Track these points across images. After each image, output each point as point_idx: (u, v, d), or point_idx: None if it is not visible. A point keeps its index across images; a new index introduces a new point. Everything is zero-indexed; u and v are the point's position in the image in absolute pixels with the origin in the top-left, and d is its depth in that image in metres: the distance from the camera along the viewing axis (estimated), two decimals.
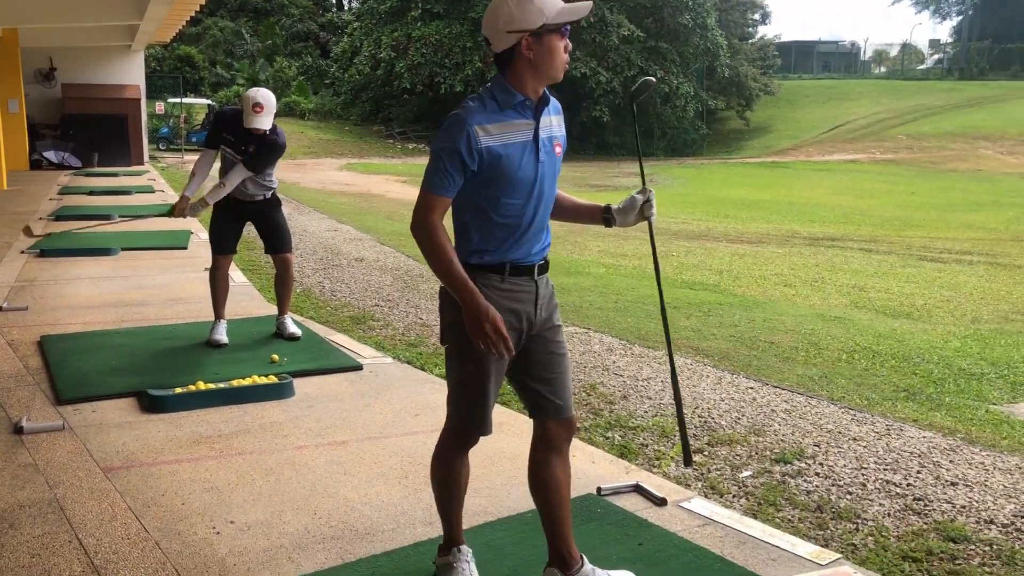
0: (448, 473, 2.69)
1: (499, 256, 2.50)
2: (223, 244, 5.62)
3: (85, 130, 20.27)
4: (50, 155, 19.82)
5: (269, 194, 5.68)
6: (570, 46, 2.46)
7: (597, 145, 38.00)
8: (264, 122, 5.31)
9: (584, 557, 2.69)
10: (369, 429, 4.17)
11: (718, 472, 3.93)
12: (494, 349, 2.40)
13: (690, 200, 21.21)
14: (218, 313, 5.61)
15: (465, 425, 2.61)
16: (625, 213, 2.71)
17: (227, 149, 5.45)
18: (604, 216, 2.73)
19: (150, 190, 15.50)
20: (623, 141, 39.31)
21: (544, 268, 2.61)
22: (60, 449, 3.82)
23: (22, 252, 8.72)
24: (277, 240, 5.74)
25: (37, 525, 3.11)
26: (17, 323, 6.02)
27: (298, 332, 5.68)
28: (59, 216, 11.40)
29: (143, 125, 22.19)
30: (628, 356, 5.83)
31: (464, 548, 2.76)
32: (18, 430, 4.00)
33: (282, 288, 5.79)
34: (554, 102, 2.58)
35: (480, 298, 2.39)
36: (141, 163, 21.53)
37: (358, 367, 5.13)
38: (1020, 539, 3.28)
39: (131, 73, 21.92)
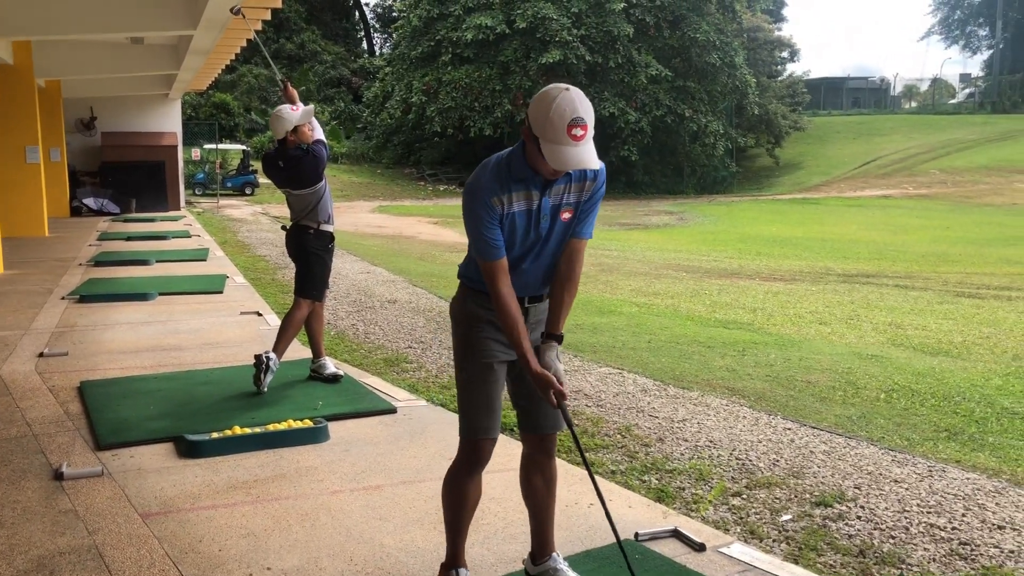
0: (458, 491, 2.88)
1: None
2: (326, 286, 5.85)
3: (123, 177, 20.73)
4: (89, 202, 20.26)
5: (312, 227, 5.70)
6: (558, 176, 2.68)
7: (626, 184, 38.08)
8: (275, 129, 5.54)
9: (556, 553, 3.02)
10: (404, 473, 4.16)
11: (757, 516, 3.87)
12: (553, 400, 2.70)
13: (721, 238, 21.14)
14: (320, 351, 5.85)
15: (476, 435, 2.82)
16: (542, 356, 2.81)
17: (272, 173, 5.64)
18: (549, 334, 2.86)
19: (186, 235, 15.75)
20: (652, 180, 39.39)
21: (536, 299, 2.88)
22: (99, 495, 3.86)
23: (62, 298, 8.88)
24: (297, 279, 5.82)
25: (76, 572, 3.14)
26: (58, 368, 6.11)
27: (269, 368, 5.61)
28: (98, 262, 11.61)
29: (180, 171, 22.63)
30: (663, 397, 5.79)
31: (465, 571, 2.91)
32: (58, 476, 4.04)
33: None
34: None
35: (534, 361, 2.71)
36: (177, 208, 21.92)
37: (392, 410, 5.14)
38: None
39: (168, 121, 22.44)
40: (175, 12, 10.62)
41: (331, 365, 5.85)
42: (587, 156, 2.57)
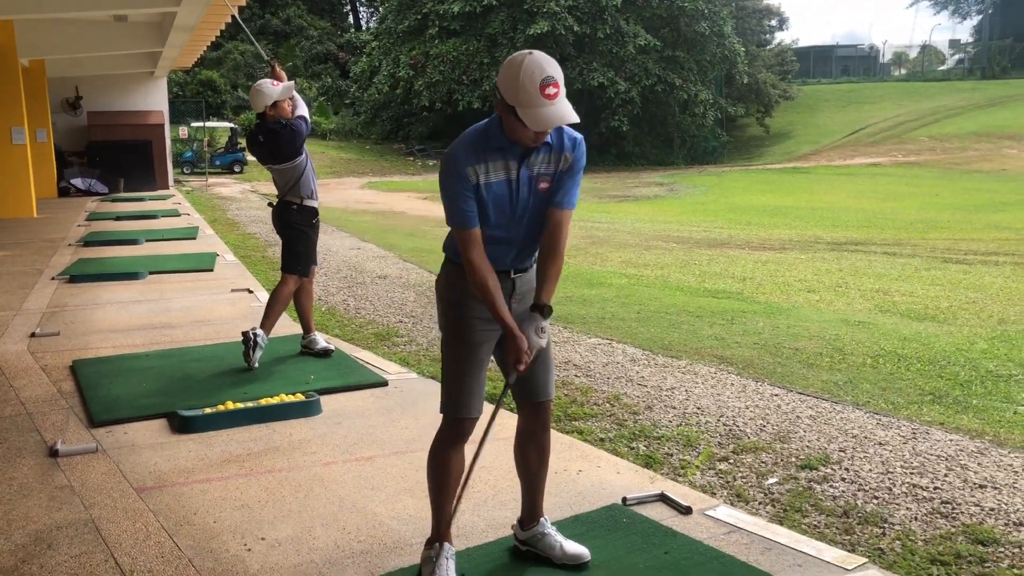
0: (441, 465, 2.89)
1: None
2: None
3: (111, 157, 20.63)
4: (77, 182, 20.17)
5: (295, 203, 5.71)
6: (540, 141, 2.68)
7: (616, 155, 38.01)
8: (255, 103, 5.60)
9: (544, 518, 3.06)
10: (395, 444, 4.22)
11: (743, 480, 3.94)
12: (523, 363, 2.74)
13: (711, 208, 21.16)
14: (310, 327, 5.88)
15: (459, 413, 2.84)
16: (521, 326, 2.80)
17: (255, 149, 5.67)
18: (534, 304, 2.87)
19: (176, 214, 15.71)
20: (643, 151, 39.31)
21: (521, 270, 2.90)
22: (94, 471, 3.90)
23: (52, 279, 8.88)
24: (283, 255, 5.85)
25: (74, 545, 3.18)
26: (50, 348, 6.13)
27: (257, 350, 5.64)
28: (88, 242, 11.59)
29: (167, 150, 22.52)
30: (652, 366, 5.85)
31: (448, 546, 2.89)
32: (53, 453, 4.08)
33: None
34: (566, 137, 2.77)
35: (514, 325, 2.74)
36: (166, 187, 21.84)
37: (384, 383, 5.19)
38: None
39: (154, 99, 22.28)
40: None
41: (322, 340, 5.88)
42: (565, 112, 2.60)
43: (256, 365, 5.47)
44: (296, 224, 5.74)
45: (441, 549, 2.87)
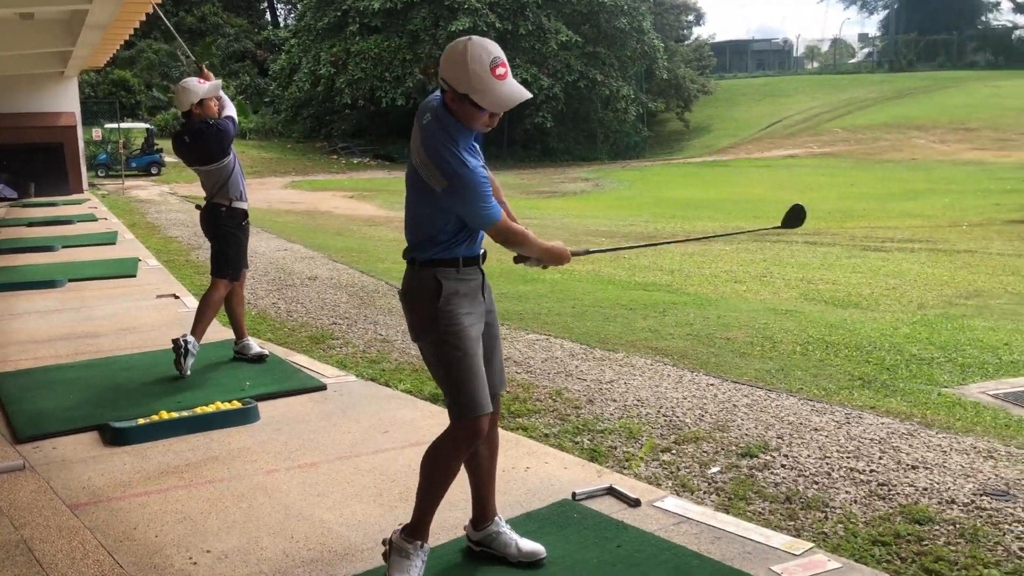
0: (451, 471, 2.82)
1: (457, 252, 2.77)
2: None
3: (20, 160, 19.86)
4: None
5: (224, 205, 5.57)
6: (495, 122, 2.70)
7: (542, 151, 38.22)
8: (180, 101, 5.47)
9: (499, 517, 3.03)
10: (339, 449, 4.16)
11: (687, 469, 3.99)
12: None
13: (636, 202, 21.46)
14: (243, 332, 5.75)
15: (478, 412, 2.73)
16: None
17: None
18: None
19: (92, 218, 15.21)
20: (568, 147, 39.58)
21: (484, 258, 2.90)
22: (22, 489, 3.74)
23: None
24: (212, 259, 5.70)
25: (6, 568, 3.05)
26: None
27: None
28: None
29: (80, 152, 21.77)
30: (590, 360, 5.89)
31: (426, 547, 2.87)
32: None
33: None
34: None
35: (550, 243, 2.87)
36: (80, 191, 21.13)
37: (322, 387, 5.11)
38: (981, 516, 3.39)
39: (65, 100, 21.49)
40: None
41: (255, 345, 5.76)
42: (521, 90, 2.65)
43: (188, 373, 5.33)
44: (225, 227, 5.60)
45: (421, 550, 2.83)
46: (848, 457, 4.07)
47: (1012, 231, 14.67)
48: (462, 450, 2.80)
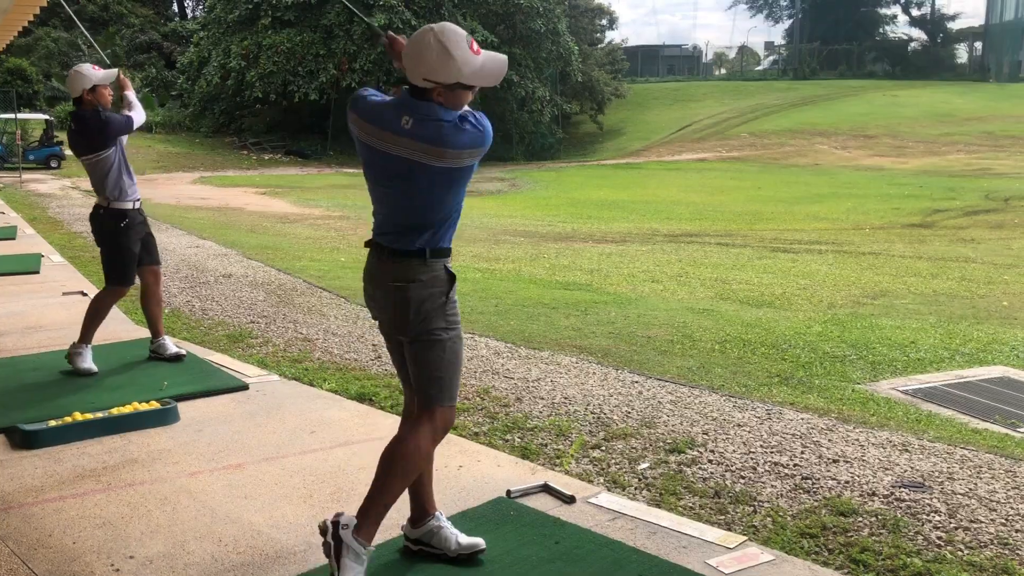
0: (422, 462, 2.85)
1: (451, 239, 2.86)
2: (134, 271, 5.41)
3: None
4: None
5: (102, 206, 5.30)
6: (473, 95, 2.76)
7: None
8: (71, 86, 5.25)
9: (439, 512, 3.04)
10: (265, 450, 4.05)
11: (617, 466, 4.03)
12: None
13: (552, 203, 21.61)
14: (88, 339, 5.30)
15: (454, 401, 2.87)
16: None
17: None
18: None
19: None
20: None
21: None
22: None
23: None
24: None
25: None
26: None
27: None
28: None
29: None
30: (516, 359, 5.89)
31: (439, 513, 2.99)
32: None
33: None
34: None
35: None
36: None
37: (244, 387, 4.97)
38: (900, 507, 3.52)
39: None
40: None
41: (172, 345, 5.56)
42: (498, 56, 2.74)
43: (94, 368, 5.13)
44: (104, 229, 5.31)
45: (440, 517, 2.98)
46: (772, 452, 4.17)
47: (912, 234, 15.33)
48: (439, 439, 2.87)
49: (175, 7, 51.98)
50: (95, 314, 5.33)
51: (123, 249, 5.31)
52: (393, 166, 2.70)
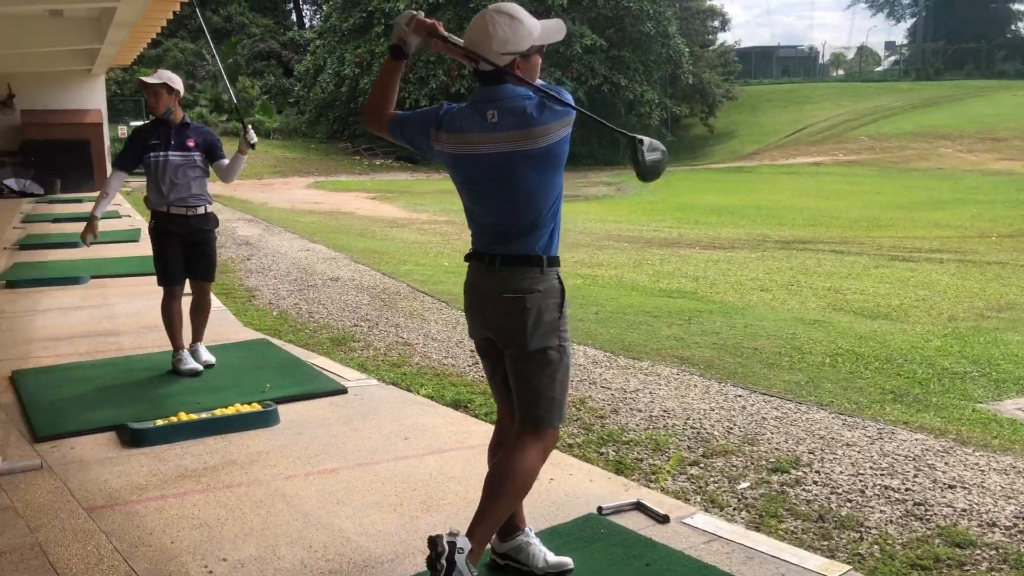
0: (530, 484, 2.75)
1: (557, 244, 2.78)
2: (169, 274, 5.46)
3: (46, 156, 19.94)
4: (11, 183, 19.48)
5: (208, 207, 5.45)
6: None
7: None
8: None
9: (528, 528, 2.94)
10: (359, 455, 4.08)
11: (716, 484, 3.88)
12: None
13: (660, 207, 21.29)
14: (177, 344, 5.45)
15: (563, 420, 2.81)
16: None
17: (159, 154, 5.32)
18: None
19: (116, 215, 15.22)
20: (590, 151, 39.43)
21: None
22: (39, 489, 3.69)
23: None
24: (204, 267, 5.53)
25: (20, 572, 2.99)
26: None
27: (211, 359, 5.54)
28: (24, 245, 11.17)
29: (106, 150, 21.87)
30: (614, 368, 5.78)
31: (529, 528, 2.92)
32: None
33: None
34: None
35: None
36: None
37: (343, 391, 5.04)
38: None
39: (92, 98, 21.62)
40: None
41: (191, 360, 5.43)
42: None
43: (198, 367, 5.31)
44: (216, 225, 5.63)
45: (529, 532, 2.91)
46: (882, 474, 3.94)
47: None
48: (546, 458, 2.79)
49: (294, 17, 53.72)
50: (164, 318, 5.48)
51: (155, 250, 5.53)
52: (489, 166, 2.65)
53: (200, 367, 5.38)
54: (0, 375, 5.43)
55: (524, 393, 2.74)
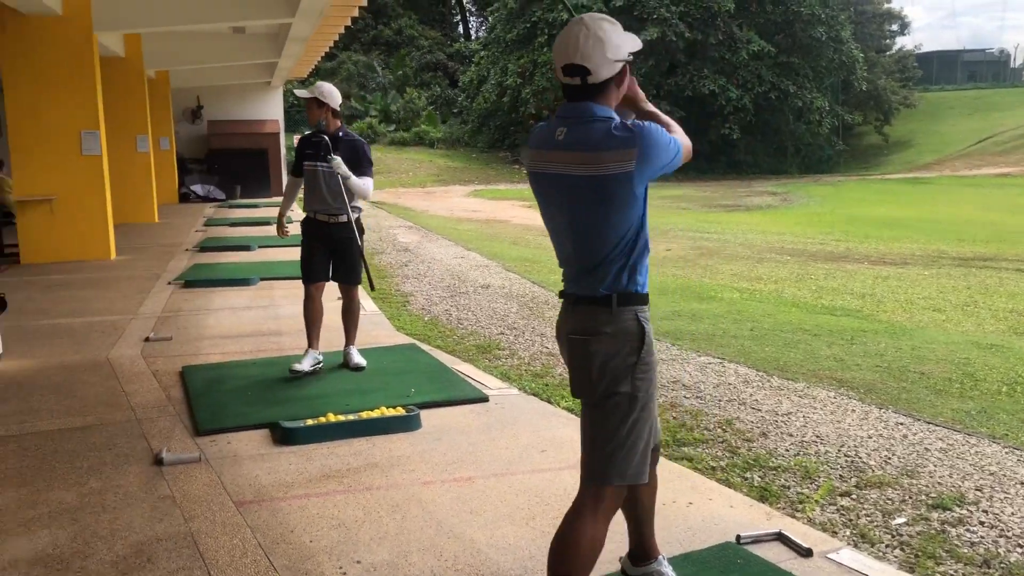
0: (599, 549, 2.47)
1: (645, 280, 2.50)
2: (309, 272, 5.71)
3: (229, 164, 21.36)
4: (197, 188, 20.95)
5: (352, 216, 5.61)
6: None
7: (727, 164, 37.20)
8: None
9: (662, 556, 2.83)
10: (495, 465, 4.08)
11: (868, 518, 3.64)
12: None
13: (827, 219, 20.39)
14: (310, 342, 5.69)
15: (639, 478, 2.46)
16: None
17: (311, 163, 5.57)
18: None
19: (289, 220, 16.04)
20: (755, 160, 38.32)
21: None
22: (196, 481, 3.90)
23: (168, 283, 9.14)
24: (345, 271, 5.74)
25: (172, 560, 3.16)
26: (162, 353, 6.26)
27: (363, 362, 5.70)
28: (203, 247, 11.94)
29: (282, 157, 23.17)
30: (766, 389, 5.55)
31: (663, 557, 2.84)
32: (158, 461, 4.11)
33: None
34: None
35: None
36: (281, 194, 22.45)
37: (484, 399, 5.07)
38: None
39: (270, 108, 22.98)
40: (274, 1, 10.79)
41: (303, 362, 5.59)
42: None
43: (303, 368, 5.50)
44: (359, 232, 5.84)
45: (663, 560, 2.82)
46: None
47: None
48: (609, 520, 2.48)
49: (460, 29, 55.15)
50: (303, 314, 5.75)
51: (301, 250, 5.77)
52: (555, 188, 2.46)
53: (302, 369, 5.55)
54: (173, 370, 5.80)
55: (584, 442, 2.50)
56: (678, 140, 2.46)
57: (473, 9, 55.45)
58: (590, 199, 2.38)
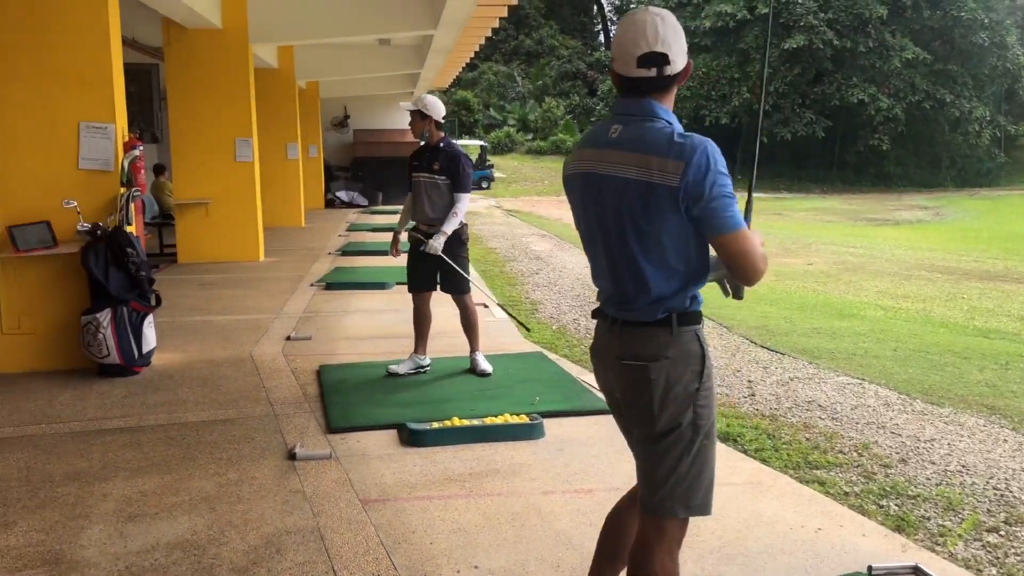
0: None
1: (700, 297, 2.25)
2: (412, 281, 5.88)
3: (372, 171, 22.11)
4: (342, 195, 21.78)
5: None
6: None
7: (875, 176, 35.68)
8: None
9: None
10: (616, 479, 4.03)
11: (1017, 557, 3.39)
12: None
13: (984, 236, 19.22)
14: (416, 346, 5.85)
15: (706, 510, 2.26)
16: None
17: (416, 175, 5.68)
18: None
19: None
20: (906, 172, 36.59)
21: None
22: (326, 478, 4.03)
23: (311, 285, 9.52)
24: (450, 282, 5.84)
25: (299, 552, 3.27)
26: (302, 351, 6.52)
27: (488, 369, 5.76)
28: (345, 252, 12.38)
29: None
30: (908, 412, 5.26)
31: None
32: (292, 456, 4.27)
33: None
34: None
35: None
36: None
37: (608, 411, 5.01)
38: None
39: None
40: (417, 13, 11.10)
41: (402, 364, 5.81)
42: None
43: (398, 371, 5.66)
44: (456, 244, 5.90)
45: None
46: None
47: None
48: (677, 552, 2.28)
49: (601, 38, 55.12)
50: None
51: (406, 257, 5.93)
52: (602, 190, 2.20)
53: (397, 371, 5.72)
54: (311, 368, 6.03)
55: (647, 472, 2.26)
56: (740, 218, 2.11)
57: (614, 18, 55.32)
58: (640, 206, 2.13)
